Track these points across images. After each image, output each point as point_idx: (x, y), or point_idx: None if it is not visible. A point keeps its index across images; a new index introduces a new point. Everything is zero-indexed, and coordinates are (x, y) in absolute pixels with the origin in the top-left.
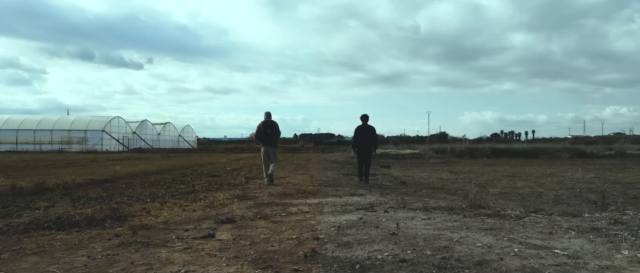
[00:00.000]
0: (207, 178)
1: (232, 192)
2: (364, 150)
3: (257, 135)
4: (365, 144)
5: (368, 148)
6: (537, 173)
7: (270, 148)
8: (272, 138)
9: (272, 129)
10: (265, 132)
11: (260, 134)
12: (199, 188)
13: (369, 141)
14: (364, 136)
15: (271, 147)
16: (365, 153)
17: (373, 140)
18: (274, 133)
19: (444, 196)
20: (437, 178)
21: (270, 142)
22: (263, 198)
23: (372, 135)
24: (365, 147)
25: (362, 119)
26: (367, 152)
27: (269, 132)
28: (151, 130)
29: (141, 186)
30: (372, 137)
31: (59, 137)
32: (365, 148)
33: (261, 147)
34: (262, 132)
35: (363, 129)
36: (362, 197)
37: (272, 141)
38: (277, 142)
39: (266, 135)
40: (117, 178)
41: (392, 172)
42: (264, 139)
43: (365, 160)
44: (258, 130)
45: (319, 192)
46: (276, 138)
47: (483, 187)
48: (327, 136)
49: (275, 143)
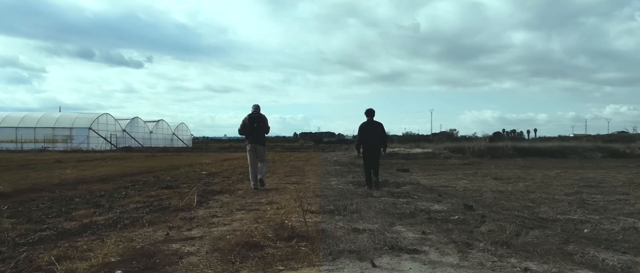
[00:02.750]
0: (157, 191)
1: (159, 228)
2: (370, 150)
3: (242, 131)
4: (373, 144)
5: (376, 149)
6: (613, 179)
7: (258, 146)
8: (260, 135)
9: (260, 124)
10: (252, 126)
11: (245, 129)
12: (127, 213)
13: (376, 140)
14: (370, 134)
15: (259, 144)
16: (372, 155)
17: (381, 138)
18: (262, 128)
19: (591, 250)
20: (492, 190)
21: (257, 138)
22: (191, 258)
23: (380, 133)
24: (372, 147)
25: (368, 114)
26: (374, 153)
27: (256, 127)
28: (143, 128)
29: (49, 206)
30: (380, 135)
31: (42, 136)
32: (372, 148)
33: (247, 145)
34: (248, 126)
35: (369, 126)
36: (420, 263)
37: (260, 138)
38: (265, 138)
39: (253, 130)
40: (40, 189)
41: (416, 177)
42: (250, 135)
43: (373, 163)
44: (243, 124)
45: (319, 235)
46: (264, 135)
47: (602, 213)
48: (327, 135)
49: (263, 140)
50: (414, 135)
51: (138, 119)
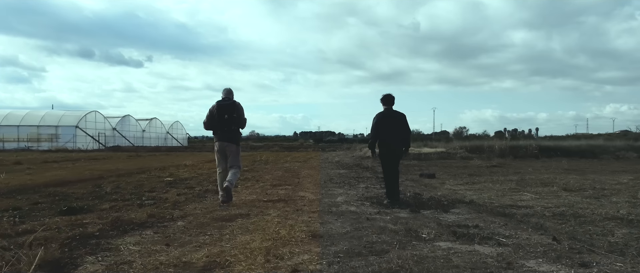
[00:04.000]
0: (57, 218)
1: None
2: (391, 151)
3: (208, 124)
4: (394, 142)
5: (397, 151)
6: None
7: (230, 145)
8: (232, 129)
9: (232, 114)
10: (221, 118)
11: (212, 121)
12: None
13: (398, 137)
14: (390, 129)
15: (231, 143)
16: (392, 158)
17: (405, 135)
18: (236, 120)
19: None
20: (601, 215)
21: (228, 134)
22: None
23: (403, 126)
24: (394, 147)
25: (385, 101)
26: (395, 157)
27: (226, 119)
28: (135, 126)
29: None
30: (403, 129)
31: (26, 134)
32: (392, 149)
33: (215, 144)
34: (217, 118)
35: (388, 118)
36: None
37: (232, 134)
38: (239, 135)
39: (222, 123)
40: None
41: (452, 187)
42: (218, 130)
43: (393, 169)
44: (210, 115)
45: None
46: (238, 130)
47: None
48: (328, 134)
49: (236, 137)
50: (422, 134)
51: (129, 117)
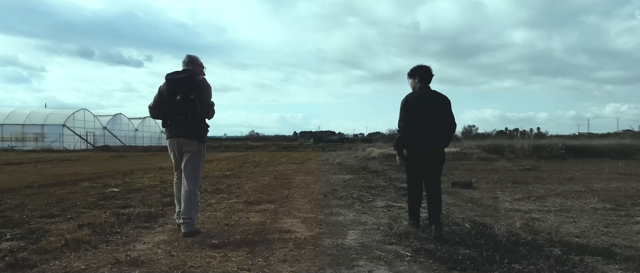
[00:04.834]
0: None
1: None
2: (427, 156)
3: (154, 110)
4: (432, 140)
5: (437, 154)
6: None
7: (186, 141)
8: (188, 119)
9: (187, 95)
10: (172, 101)
11: (160, 105)
12: None
13: (440, 135)
14: (427, 119)
15: (187, 138)
16: (429, 162)
17: (448, 129)
18: (191, 105)
19: None
20: None
21: (182, 126)
22: None
23: (446, 117)
24: (431, 147)
25: (422, 75)
26: (433, 160)
27: (179, 102)
28: (127, 125)
29: None
30: (446, 124)
31: (10, 133)
32: (428, 150)
33: (167, 139)
34: (168, 102)
35: (425, 101)
36: None
37: (189, 125)
38: (203, 127)
39: (174, 109)
40: None
41: (512, 205)
42: (167, 119)
43: (430, 179)
44: (158, 95)
45: None
46: (202, 119)
47: None
48: (328, 134)
49: (197, 130)
50: None
51: (121, 116)
